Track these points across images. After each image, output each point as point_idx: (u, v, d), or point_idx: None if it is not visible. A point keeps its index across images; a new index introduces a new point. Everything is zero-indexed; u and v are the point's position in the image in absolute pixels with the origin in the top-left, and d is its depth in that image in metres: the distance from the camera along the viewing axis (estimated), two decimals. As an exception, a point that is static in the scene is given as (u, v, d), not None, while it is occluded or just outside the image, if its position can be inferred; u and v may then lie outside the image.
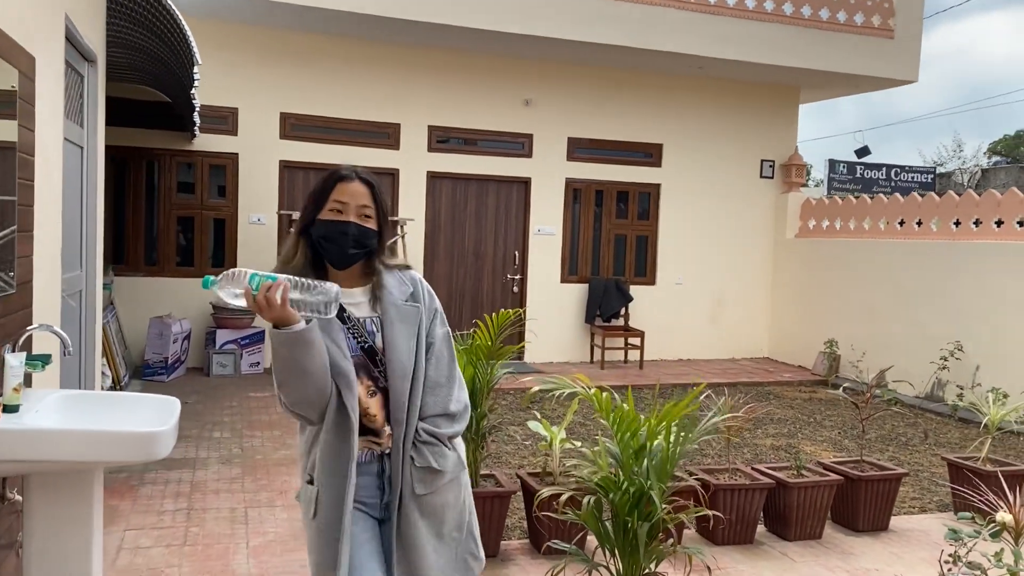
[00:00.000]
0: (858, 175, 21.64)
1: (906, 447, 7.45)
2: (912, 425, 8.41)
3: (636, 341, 11.06)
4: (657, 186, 11.78)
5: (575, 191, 11.45)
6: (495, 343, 4.49)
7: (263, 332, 9.58)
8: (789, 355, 11.86)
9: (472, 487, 2.58)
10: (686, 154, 11.85)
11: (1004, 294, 8.64)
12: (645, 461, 3.23)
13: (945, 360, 9.08)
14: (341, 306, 2.20)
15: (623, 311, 11.35)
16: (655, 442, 3.27)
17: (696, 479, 4.42)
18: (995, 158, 44.22)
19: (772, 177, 12.28)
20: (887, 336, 10.10)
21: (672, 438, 3.25)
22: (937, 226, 9.71)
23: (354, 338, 2.27)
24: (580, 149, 11.34)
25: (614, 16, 9.98)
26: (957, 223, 9.49)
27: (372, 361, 2.28)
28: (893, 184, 21.35)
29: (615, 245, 11.73)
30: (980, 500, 5.00)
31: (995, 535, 3.20)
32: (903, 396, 9.59)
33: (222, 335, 9.34)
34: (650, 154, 11.74)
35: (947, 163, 36.35)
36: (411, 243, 10.23)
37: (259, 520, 4.90)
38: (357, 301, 2.33)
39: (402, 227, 9.68)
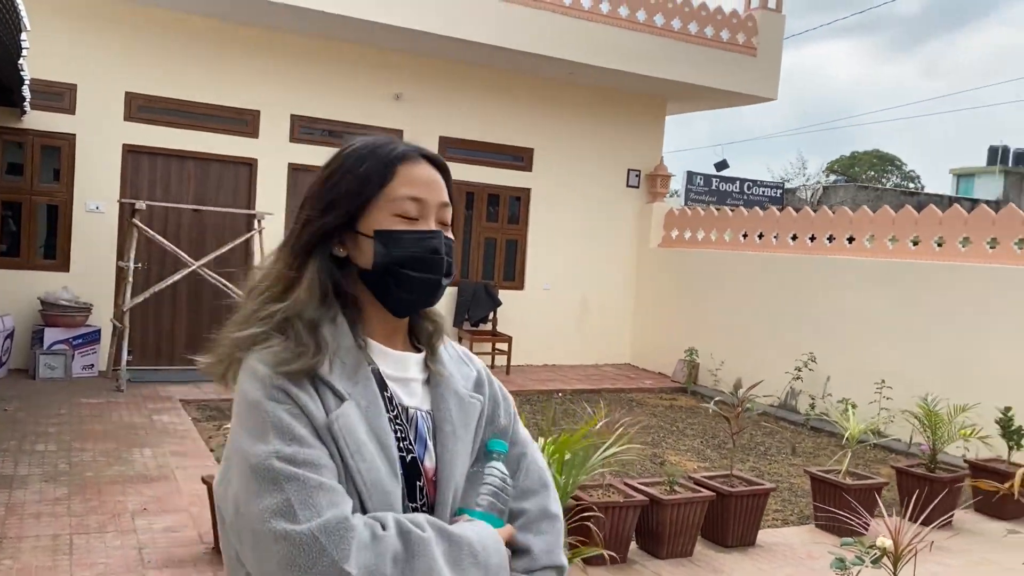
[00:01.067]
0: (714, 187, 22.45)
1: (765, 457, 7.61)
2: (770, 434, 8.63)
3: (504, 346, 10.89)
4: (527, 191, 11.67)
5: (444, 191, 11.16)
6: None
7: (99, 331, 8.74)
8: (650, 362, 12.03)
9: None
10: (556, 160, 11.80)
11: (852, 307, 9.03)
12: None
13: (799, 370, 9.40)
14: (383, 378, 1.34)
15: (492, 316, 11.16)
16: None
17: (573, 498, 4.23)
18: (833, 176, 47.38)
19: (638, 187, 12.43)
20: (745, 345, 10.39)
21: (565, 474, 3.01)
22: (795, 240, 10.07)
23: (397, 441, 1.31)
24: (452, 149, 11.06)
25: (482, 14, 9.77)
26: (812, 238, 9.87)
27: (409, 484, 1.30)
28: (746, 197, 22.31)
29: (485, 249, 11.53)
30: (842, 515, 5.09)
31: (876, 561, 3.16)
32: (759, 405, 9.89)
33: (51, 334, 8.44)
34: (521, 158, 11.61)
35: (793, 179, 38.58)
36: (269, 241, 9.63)
37: (87, 550, 4.33)
38: (409, 377, 1.40)
39: (259, 222, 9.08)
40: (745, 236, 10.83)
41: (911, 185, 50.30)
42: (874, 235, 9.06)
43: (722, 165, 17.81)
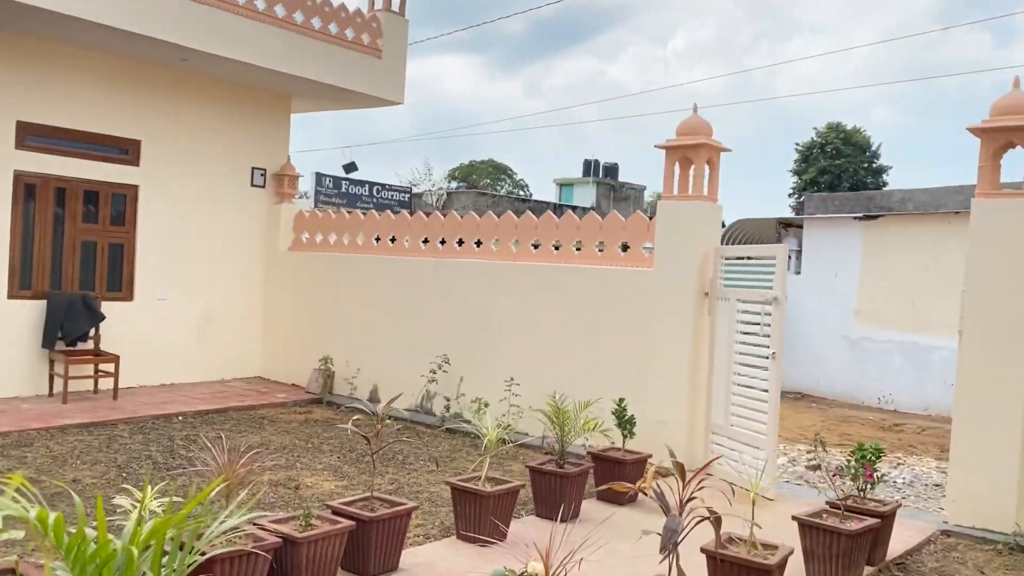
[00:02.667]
0: (343, 190, 22.28)
1: (404, 467, 7.42)
2: (406, 442, 8.48)
3: (109, 367, 9.47)
4: (135, 187, 10.31)
5: (28, 187, 9.41)
6: None
7: None
8: (283, 373, 11.34)
9: None
10: (170, 155, 10.59)
11: (481, 308, 9.26)
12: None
13: (434, 373, 9.42)
14: None
15: (93, 332, 9.64)
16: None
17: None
18: (456, 183, 50.01)
19: (264, 186, 11.66)
20: (380, 351, 10.19)
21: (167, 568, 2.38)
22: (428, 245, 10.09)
23: None
24: (34, 136, 9.36)
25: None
26: (443, 242, 9.97)
27: None
28: (375, 200, 22.44)
29: (83, 254, 9.93)
30: (481, 538, 5.01)
31: (527, 588, 2.99)
32: (395, 411, 9.74)
33: None
34: (126, 150, 10.22)
35: (420, 184, 39.87)
36: None
37: None
38: None
39: None
40: (378, 240, 10.64)
41: (521, 192, 55.05)
42: (499, 239, 9.38)
43: (351, 167, 17.61)
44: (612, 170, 49.88)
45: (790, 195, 43.52)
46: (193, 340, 10.92)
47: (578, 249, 8.79)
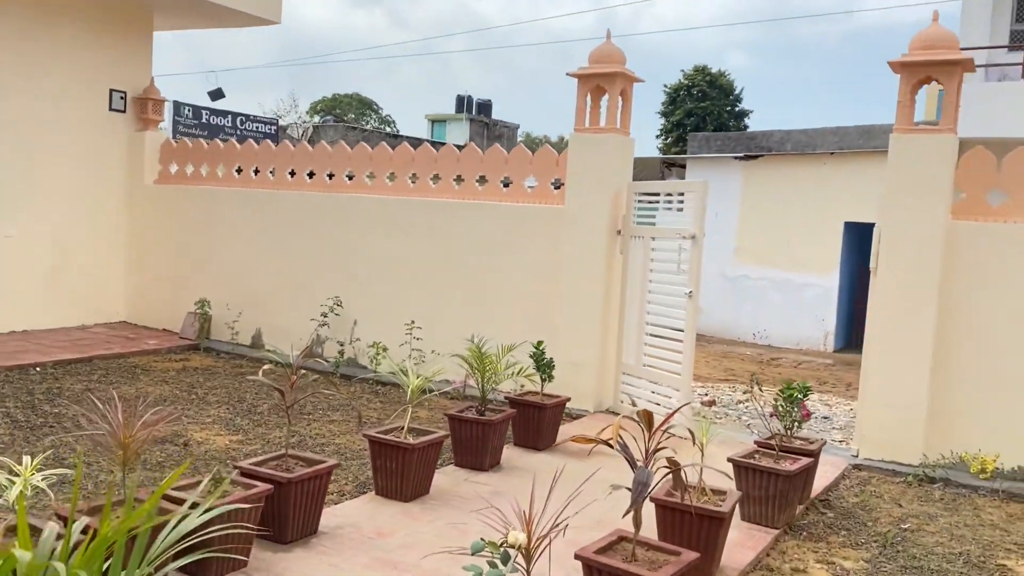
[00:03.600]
0: (204, 120, 20.75)
1: (302, 417, 6.87)
2: (302, 389, 7.88)
3: (-53, 313, 8.32)
4: (-30, 108, 8.99)
5: None
6: None
7: None
8: (152, 318, 10.39)
9: None
10: (12, 75, 9.29)
11: (375, 248, 8.69)
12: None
13: (325, 316, 8.81)
14: None
15: (-76, 274, 8.42)
16: None
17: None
18: (319, 116, 47.97)
19: (124, 111, 10.48)
20: (264, 293, 9.45)
21: None
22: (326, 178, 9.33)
23: None
24: None
25: None
26: (331, 175, 9.25)
27: None
28: (239, 132, 21.00)
29: (-93, 184, 8.62)
30: (404, 482, 4.61)
31: (506, 560, 2.63)
32: (282, 356, 9.09)
33: None
34: (-42, 65, 8.87)
35: (285, 117, 37.86)
36: None
37: None
38: None
39: None
40: (257, 172, 9.78)
41: (388, 128, 53.46)
42: (394, 172, 8.78)
43: (217, 94, 16.27)
44: (486, 107, 49.13)
45: (658, 136, 44.38)
46: (46, 282, 9.80)
47: (481, 184, 8.34)
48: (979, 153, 6.26)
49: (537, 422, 6.12)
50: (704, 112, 42.40)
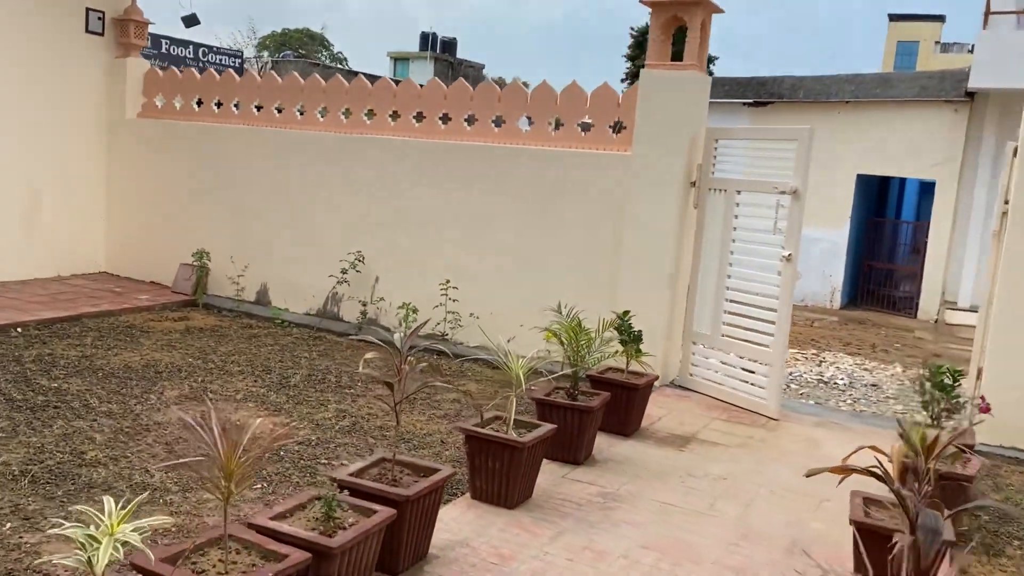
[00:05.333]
0: (164, 50, 19.25)
1: (343, 391, 5.98)
2: (325, 354, 7.00)
3: (-92, 264, 7.17)
4: (-74, 24, 7.71)
5: None
6: None
7: None
8: (137, 269, 9.30)
9: None
10: (-27, -19, 8.00)
11: (407, 197, 7.73)
12: None
13: (344, 273, 7.87)
14: None
15: None
16: None
17: None
18: (267, 52, 45.62)
19: (103, 34, 9.22)
20: (271, 244, 8.44)
21: None
22: (348, 116, 8.25)
23: None
24: None
25: None
26: (347, 112, 8.21)
27: None
28: (202, 64, 19.52)
29: None
30: (510, 486, 3.84)
31: None
32: (293, 316, 8.18)
33: None
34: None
35: (244, 48, 35.83)
36: None
37: None
38: None
39: None
40: (260, 108, 8.67)
41: (340, 66, 51.24)
42: (424, 111, 7.77)
43: (192, 20, 14.72)
44: (450, 46, 47.41)
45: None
46: (17, 228, 8.64)
47: (528, 127, 7.42)
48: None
49: (626, 404, 5.35)
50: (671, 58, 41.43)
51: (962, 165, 13.19)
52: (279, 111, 8.53)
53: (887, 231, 15.94)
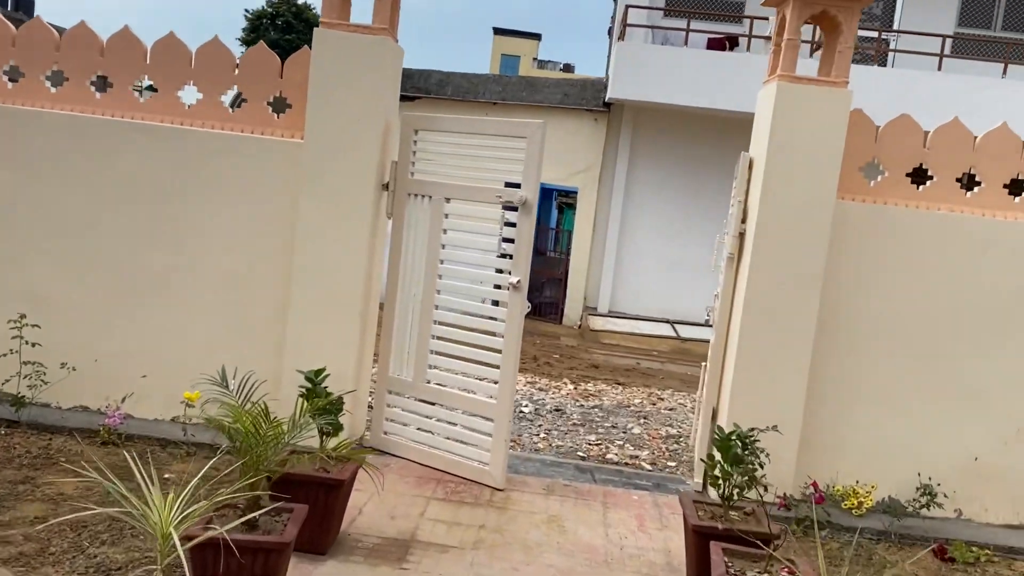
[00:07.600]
0: None
1: None
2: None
3: None
4: None
5: None
6: None
7: None
8: None
9: None
10: None
11: None
12: None
13: None
14: None
15: None
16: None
17: None
18: None
19: None
20: None
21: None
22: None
23: None
24: None
25: None
26: None
27: None
28: None
29: None
30: None
31: None
32: None
33: None
34: None
35: None
36: None
37: None
38: None
39: None
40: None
41: None
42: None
43: None
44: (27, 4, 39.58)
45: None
46: None
47: (143, 95, 5.22)
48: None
49: (325, 509, 3.63)
50: (289, 46, 39.30)
51: (601, 173, 13.33)
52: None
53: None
